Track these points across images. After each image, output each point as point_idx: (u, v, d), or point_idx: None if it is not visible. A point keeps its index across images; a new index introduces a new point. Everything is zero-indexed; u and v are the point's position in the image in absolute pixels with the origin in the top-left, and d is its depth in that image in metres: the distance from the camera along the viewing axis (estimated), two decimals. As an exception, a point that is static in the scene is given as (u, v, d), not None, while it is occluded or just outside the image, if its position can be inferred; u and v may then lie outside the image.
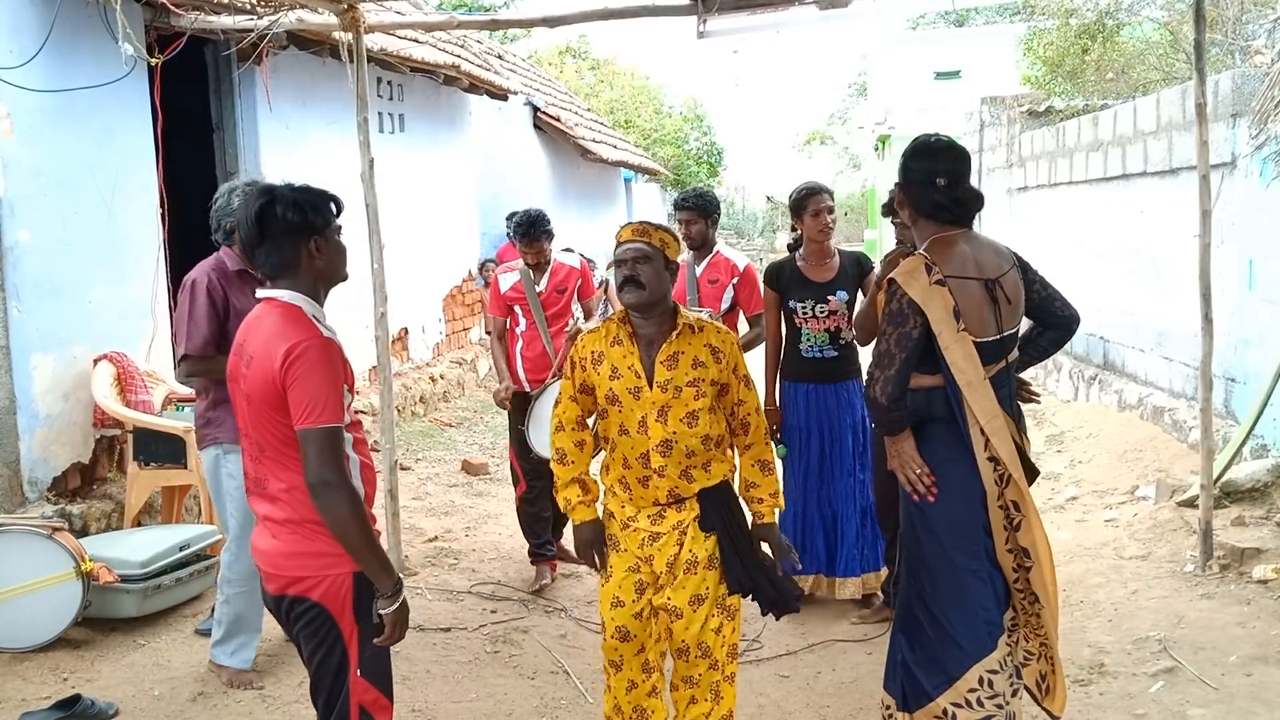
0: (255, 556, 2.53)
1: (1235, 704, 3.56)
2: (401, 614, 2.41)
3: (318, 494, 2.32)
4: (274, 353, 2.34)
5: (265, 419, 2.40)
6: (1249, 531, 4.93)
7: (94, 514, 4.98)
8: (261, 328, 2.42)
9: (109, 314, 5.35)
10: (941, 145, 3.02)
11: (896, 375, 2.84)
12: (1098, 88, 12.19)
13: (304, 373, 2.32)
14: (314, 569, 2.41)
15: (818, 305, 4.56)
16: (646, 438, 2.99)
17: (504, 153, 11.43)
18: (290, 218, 2.41)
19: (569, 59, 24.33)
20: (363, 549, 2.35)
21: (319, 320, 2.43)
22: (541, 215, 5.04)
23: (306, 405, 2.31)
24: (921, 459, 2.91)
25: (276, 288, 2.46)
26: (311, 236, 2.45)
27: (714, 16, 5.02)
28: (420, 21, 6.89)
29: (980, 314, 2.86)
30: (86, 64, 5.14)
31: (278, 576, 2.45)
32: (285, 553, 2.43)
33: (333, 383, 2.34)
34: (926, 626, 2.95)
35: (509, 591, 4.99)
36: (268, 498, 2.47)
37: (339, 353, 2.41)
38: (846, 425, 4.64)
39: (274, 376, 2.33)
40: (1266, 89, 5.88)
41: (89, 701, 3.63)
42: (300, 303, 2.43)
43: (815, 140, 37.31)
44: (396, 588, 2.40)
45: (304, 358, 2.32)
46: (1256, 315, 5.97)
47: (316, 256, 2.46)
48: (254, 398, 2.40)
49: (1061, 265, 8.86)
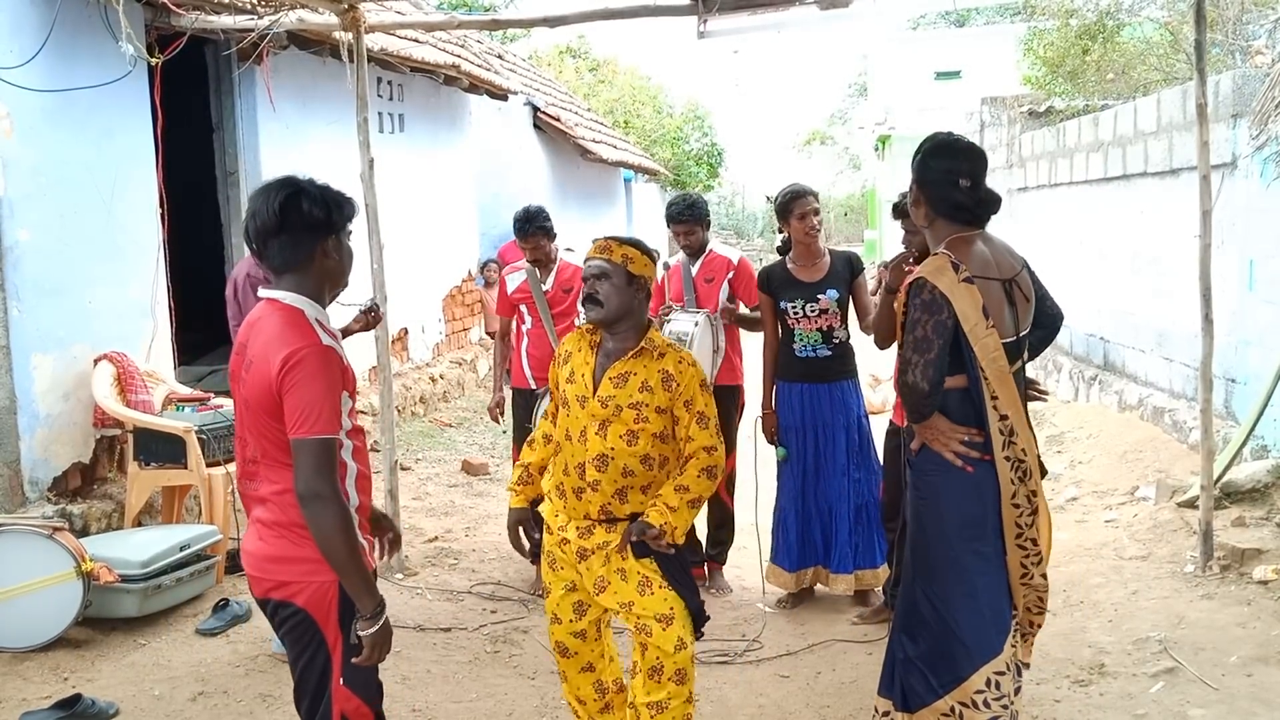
0: (243, 558, 2.50)
1: (1236, 704, 3.55)
2: (381, 636, 2.36)
3: (306, 504, 2.28)
4: (272, 358, 2.30)
5: (261, 424, 2.36)
6: (1249, 532, 4.93)
7: (94, 514, 4.98)
8: (262, 331, 2.38)
9: (109, 314, 5.35)
10: (964, 145, 2.98)
11: (936, 360, 2.79)
12: (1098, 88, 12.19)
13: (300, 381, 2.28)
14: (299, 574, 2.37)
15: (808, 305, 4.58)
16: (585, 448, 2.94)
17: (504, 153, 11.43)
18: (314, 213, 2.39)
19: (569, 59, 24.31)
20: (347, 566, 2.30)
21: (321, 325, 2.39)
22: (539, 211, 5.04)
23: (301, 414, 2.27)
24: (947, 438, 2.88)
25: (281, 285, 2.43)
26: (328, 235, 2.43)
27: (714, 16, 5.02)
28: (420, 21, 6.90)
29: (1001, 314, 2.86)
30: (87, 64, 5.13)
31: (263, 580, 2.42)
32: (272, 556, 2.40)
33: (329, 393, 2.30)
34: (933, 626, 2.93)
35: (509, 591, 4.99)
36: (259, 500, 2.44)
37: (338, 360, 2.37)
38: (840, 425, 4.65)
39: (271, 382, 2.30)
40: (1267, 89, 5.88)
41: (89, 701, 3.63)
42: (303, 305, 2.40)
43: (815, 140, 37.31)
44: (378, 609, 2.34)
45: (301, 366, 2.28)
46: (1257, 316, 5.97)
47: (328, 256, 2.44)
48: (251, 402, 2.38)
49: (1062, 265, 8.87)
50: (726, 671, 4.14)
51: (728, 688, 3.99)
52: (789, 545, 4.76)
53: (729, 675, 4.11)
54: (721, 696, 3.92)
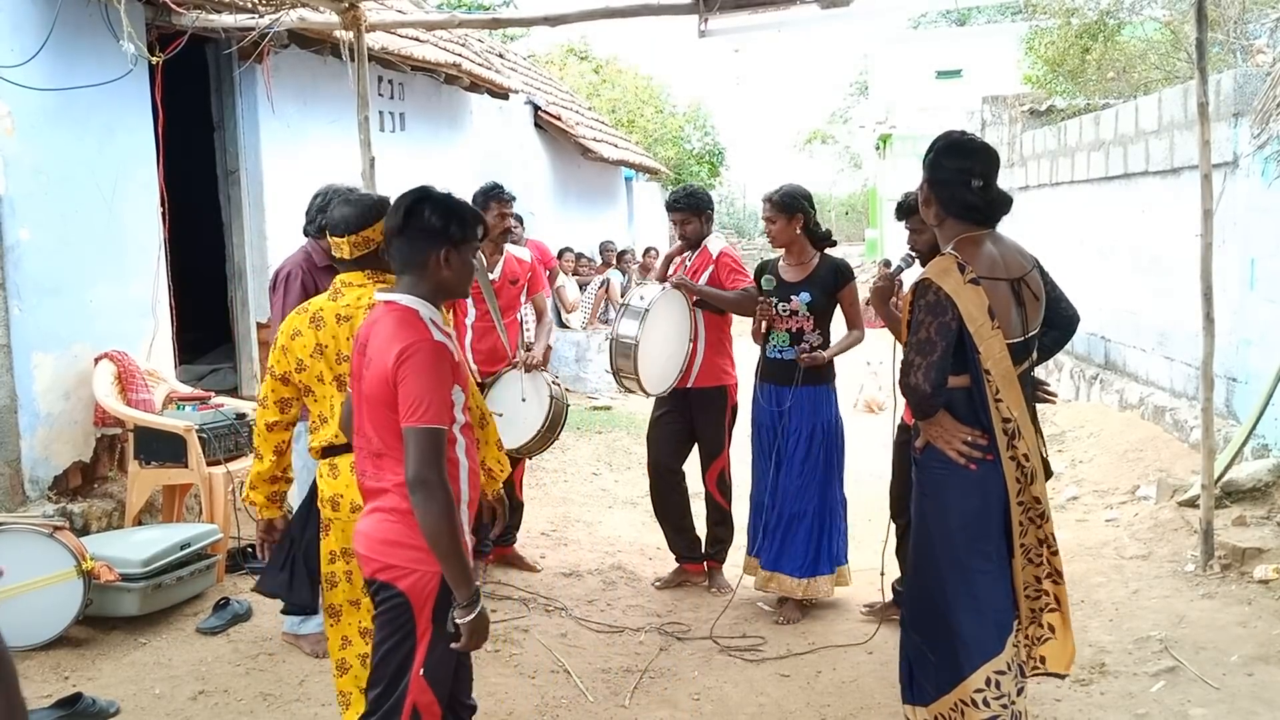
0: (355, 539, 2.62)
1: (1236, 704, 3.55)
2: (478, 624, 2.45)
3: (414, 490, 2.39)
4: (388, 353, 2.45)
5: (381, 416, 2.50)
6: (1250, 531, 4.93)
7: (95, 513, 4.98)
8: (380, 330, 2.53)
9: (110, 313, 5.35)
10: (977, 145, 2.97)
11: (940, 361, 2.79)
12: (1099, 87, 12.18)
13: (412, 373, 2.42)
14: (407, 560, 2.48)
15: (780, 303, 4.59)
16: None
17: (505, 151, 11.41)
18: (432, 221, 2.52)
19: (572, 58, 24.30)
20: (448, 552, 2.40)
21: (434, 324, 2.52)
22: (493, 184, 5.04)
23: (411, 404, 2.41)
24: (950, 439, 2.88)
25: (399, 286, 2.58)
26: (445, 246, 2.54)
27: (715, 16, 5.03)
28: (421, 20, 6.91)
29: (1008, 315, 2.85)
30: (87, 63, 5.13)
31: (372, 560, 2.54)
32: (386, 540, 2.52)
33: (439, 386, 2.44)
34: (935, 624, 2.94)
35: (509, 590, 4.99)
36: (380, 491, 2.56)
37: (449, 356, 2.50)
38: (797, 431, 4.60)
39: (388, 376, 2.45)
40: (1268, 88, 5.88)
41: (90, 700, 3.63)
42: (417, 305, 2.54)
43: (816, 139, 37.30)
44: (474, 597, 2.44)
45: (414, 359, 2.42)
46: (1258, 315, 5.96)
47: (444, 266, 2.56)
48: (370, 396, 2.52)
49: (1063, 265, 8.84)
50: (727, 671, 4.14)
51: (728, 687, 3.99)
52: (757, 537, 4.76)
53: (729, 674, 4.11)
54: (722, 696, 3.92)
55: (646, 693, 3.94)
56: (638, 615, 4.73)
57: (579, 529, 6.19)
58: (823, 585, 4.65)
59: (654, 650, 4.32)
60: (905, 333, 2.94)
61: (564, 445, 8.06)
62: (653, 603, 4.90)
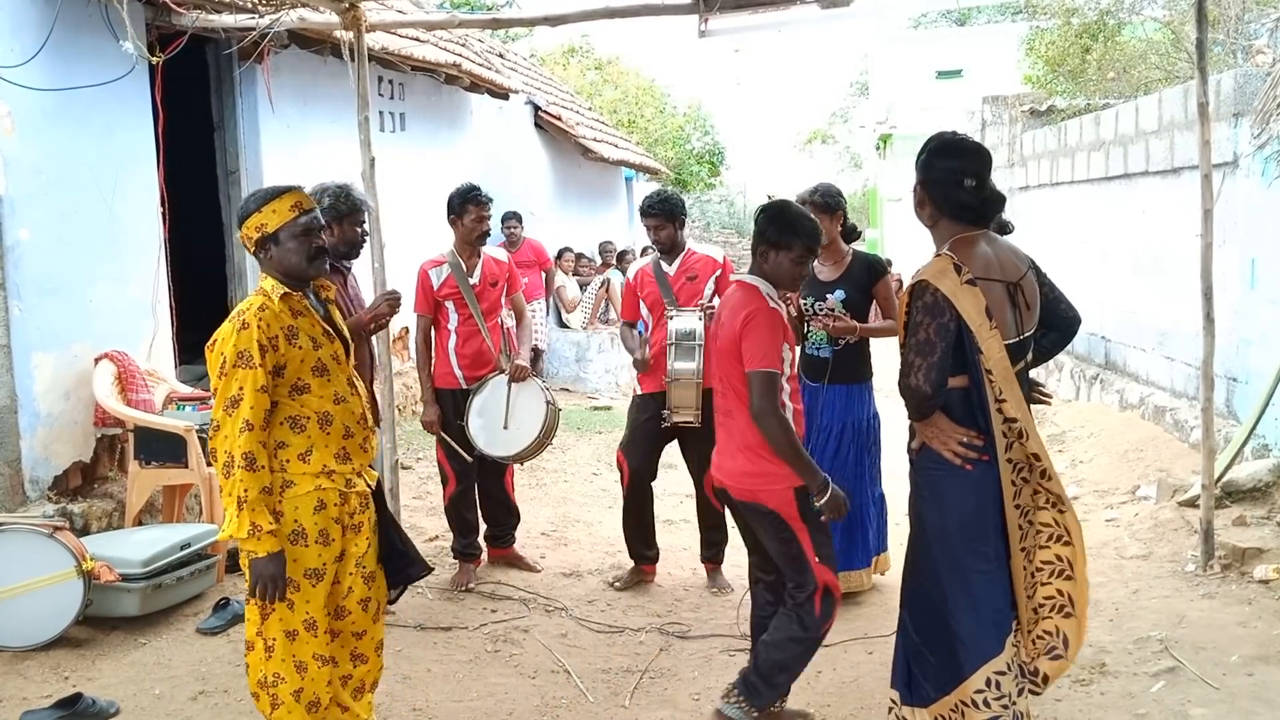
0: (717, 472, 3.42)
1: (1237, 704, 3.55)
2: (835, 500, 3.18)
3: (758, 419, 3.18)
4: (736, 317, 3.27)
5: (731, 368, 3.29)
6: (1250, 531, 4.93)
7: (95, 513, 4.99)
8: (731, 301, 3.38)
9: (110, 313, 5.35)
10: (969, 145, 2.98)
11: (939, 362, 2.79)
12: (1099, 87, 12.18)
13: (752, 329, 3.22)
14: (763, 484, 3.26)
15: (816, 303, 4.58)
16: (358, 396, 3.14)
17: (505, 152, 11.41)
18: (762, 225, 3.35)
19: (573, 59, 24.29)
20: (794, 458, 3.19)
21: (771, 297, 3.31)
22: (470, 186, 5.07)
23: (752, 353, 3.20)
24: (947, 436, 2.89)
25: (751, 272, 3.40)
26: (768, 247, 3.33)
27: (715, 16, 5.03)
28: (422, 20, 6.91)
29: (1004, 316, 2.85)
30: (88, 62, 5.14)
31: (737, 489, 3.35)
32: (744, 471, 3.31)
33: (773, 341, 3.22)
34: (934, 625, 2.94)
35: (509, 591, 4.99)
36: (735, 428, 3.32)
37: (780, 320, 3.29)
38: (831, 430, 4.59)
39: (736, 334, 3.25)
40: (1269, 88, 5.88)
41: (90, 700, 3.63)
42: (759, 284, 3.34)
43: (817, 139, 37.24)
44: (825, 483, 3.17)
45: (755, 319, 3.23)
46: (1258, 314, 5.96)
47: (766, 262, 3.35)
48: (722, 351, 3.32)
49: (1063, 265, 8.85)
50: (727, 671, 4.13)
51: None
52: None
53: (729, 675, 4.08)
54: (722, 695, 3.92)
55: (647, 693, 3.94)
56: (638, 615, 4.73)
57: (579, 529, 6.19)
58: (854, 578, 4.67)
59: (654, 650, 4.32)
60: (903, 333, 2.95)
61: (564, 445, 8.06)
62: (653, 603, 4.90)
